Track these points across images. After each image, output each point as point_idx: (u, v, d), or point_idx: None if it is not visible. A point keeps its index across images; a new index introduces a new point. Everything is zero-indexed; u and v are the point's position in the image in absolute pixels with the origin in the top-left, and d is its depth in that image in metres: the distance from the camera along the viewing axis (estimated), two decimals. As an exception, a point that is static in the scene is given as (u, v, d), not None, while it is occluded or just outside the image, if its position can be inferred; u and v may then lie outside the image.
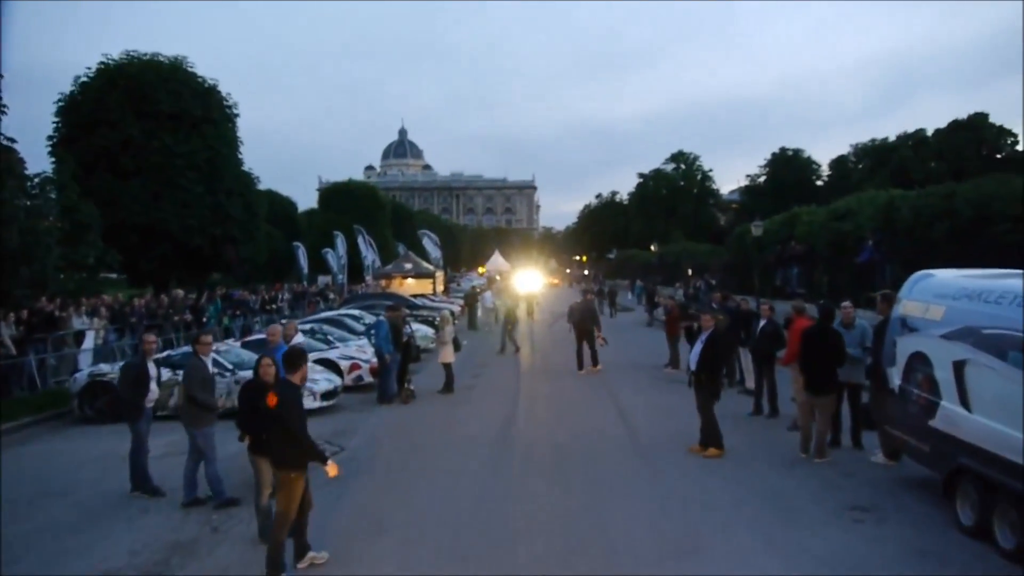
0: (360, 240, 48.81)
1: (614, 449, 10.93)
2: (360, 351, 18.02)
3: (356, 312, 25.56)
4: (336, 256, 45.35)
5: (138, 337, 20.33)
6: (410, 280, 43.59)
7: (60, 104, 30.07)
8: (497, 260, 73.83)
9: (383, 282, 43.47)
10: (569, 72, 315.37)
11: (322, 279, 48.04)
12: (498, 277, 59.93)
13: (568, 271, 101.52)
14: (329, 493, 9.13)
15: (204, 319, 25.21)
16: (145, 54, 30.89)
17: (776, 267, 32.06)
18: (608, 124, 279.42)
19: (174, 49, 32.59)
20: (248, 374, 14.80)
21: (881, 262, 22.11)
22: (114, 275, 30.97)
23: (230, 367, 14.47)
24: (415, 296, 36.28)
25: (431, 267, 48.00)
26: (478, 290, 42.01)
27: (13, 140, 16.90)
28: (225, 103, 32.76)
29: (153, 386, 9.44)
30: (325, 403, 14.59)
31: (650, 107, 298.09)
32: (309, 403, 14.35)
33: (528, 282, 45.52)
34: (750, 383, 14.48)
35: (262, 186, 45.86)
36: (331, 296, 40.02)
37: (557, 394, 15.97)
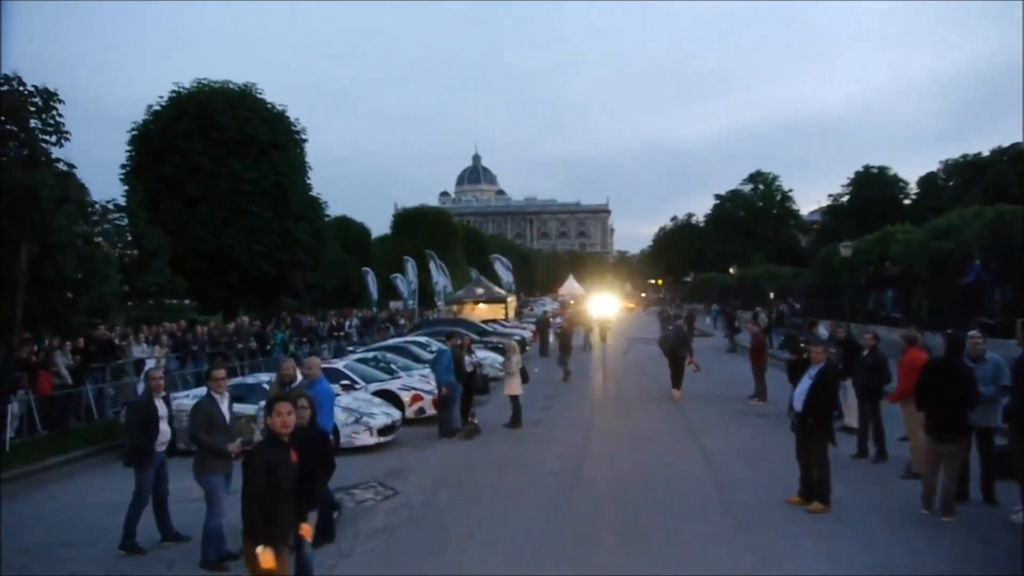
0: (432, 265, 48.27)
1: (696, 500, 9.55)
2: (424, 381, 17.03)
3: (423, 339, 24.72)
4: (406, 282, 44.87)
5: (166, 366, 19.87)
6: (482, 305, 42.86)
7: (133, 133, 30.42)
8: (571, 284, 72.59)
9: (455, 307, 42.81)
10: (643, 95, 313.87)
11: (394, 304, 47.64)
12: (572, 301, 58.67)
13: (643, 295, 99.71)
14: (375, 546, 8.12)
15: (270, 346, 24.78)
16: (215, 82, 31.11)
17: (868, 290, 30.21)
18: (683, 146, 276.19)
19: (254, 79, 32.54)
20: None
21: (990, 284, 20.23)
22: (187, 301, 30.97)
23: (283, 400, 13.63)
24: (486, 322, 35.42)
25: (503, 292, 47.10)
26: (550, 315, 40.88)
27: (72, 166, 16.65)
28: (293, 128, 32.65)
29: (164, 427, 8.52)
30: (382, 439, 13.58)
31: (726, 128, 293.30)
32: (365, 439, 13.46)
33: (602, 306, 44.39)
34: (851, 420, 12.91)
35: (336, 212, 45.78)
36: (402, 322, 39.48)
37: (632, 430, 14.63)
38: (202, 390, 15.03)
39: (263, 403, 13.37)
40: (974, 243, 21.48)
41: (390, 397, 15.83)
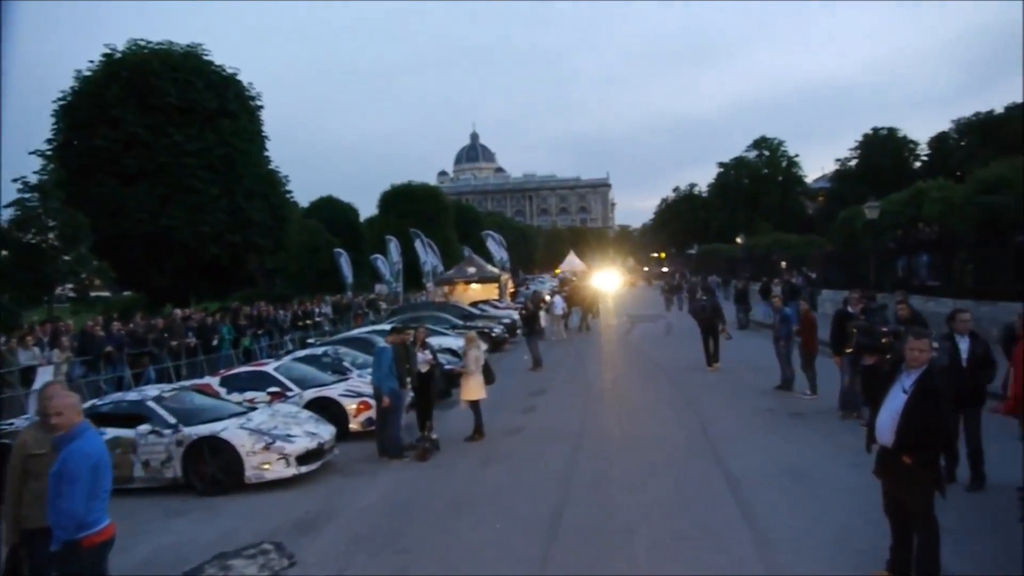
0: (418, 244, 44.79)
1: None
2: (378, 383, 13.67)
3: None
4: (389, 263, 41.44)
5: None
6: (474, 285, 39.53)
7: (61, 103, 26.74)
8: (572, 261, 69.62)
9: (446, 288, 39.50)
10: (643, 68, 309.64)
11: (379, 288, 44.24)
12: (573, 278, 55.34)
13: (646, 269, 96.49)
14: None
15: (216, 342, 21.42)
16: (154, 43, 27.31)
17: (897, 256, 27.08)
18: (684, 117, 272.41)
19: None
20: (203, 430, 10.64)
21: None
22: (126, 293, 27.51)
23: (172, 422, 10.30)
24: (475, 304, 32.19)
25: (496, 270, 43.69)
26: (545, 294, 37.39)
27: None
28: (247, 94, 28.94)
29: None
30: (304, 468, 10.26)
31: (729, 98, 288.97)
32: (279, 470, 10.10)
33: (604, 282, 41.53)
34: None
35: (324, 194, 41.79)
36: (383, 307, 36.11)
37: (633, 442, 11.26)
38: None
39: (143, 427, 10.18)
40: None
41: (327, 408, 12.57)
